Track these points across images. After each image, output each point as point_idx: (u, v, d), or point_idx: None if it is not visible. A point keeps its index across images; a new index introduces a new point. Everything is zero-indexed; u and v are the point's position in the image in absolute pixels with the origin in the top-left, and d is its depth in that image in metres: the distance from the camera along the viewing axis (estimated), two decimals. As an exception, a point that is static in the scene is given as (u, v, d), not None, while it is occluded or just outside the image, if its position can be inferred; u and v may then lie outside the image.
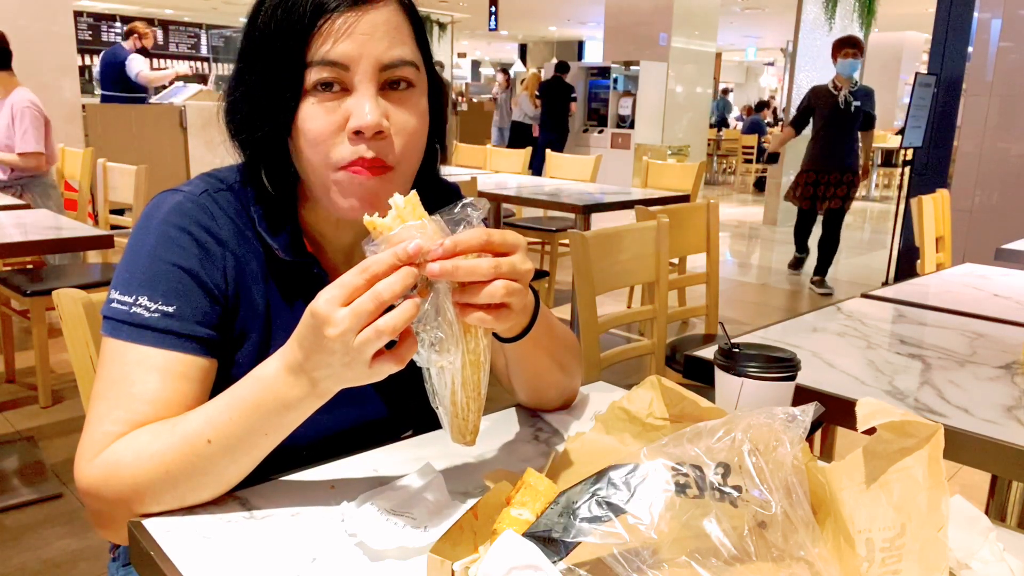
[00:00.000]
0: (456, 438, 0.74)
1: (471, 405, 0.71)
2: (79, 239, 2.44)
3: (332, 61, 0.76)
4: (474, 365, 0.69)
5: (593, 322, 1.75)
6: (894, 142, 11.47)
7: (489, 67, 24.51)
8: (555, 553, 0.54)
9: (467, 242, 0.65)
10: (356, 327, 0.63)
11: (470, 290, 0.66)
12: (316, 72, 0.76)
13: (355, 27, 0.76)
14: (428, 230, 0.65)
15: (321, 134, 0.77)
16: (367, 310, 0.62)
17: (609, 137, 8.90)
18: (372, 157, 0.77)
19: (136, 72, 5.94)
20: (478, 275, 0.65)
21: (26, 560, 1.99)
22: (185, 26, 15.12)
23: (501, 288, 0.66)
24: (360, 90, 0.77)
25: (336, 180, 0.78)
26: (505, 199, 3.98)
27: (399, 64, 0.78)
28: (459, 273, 0.65)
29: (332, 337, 0.63)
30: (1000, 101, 4.53)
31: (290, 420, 0.71)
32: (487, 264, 0.66)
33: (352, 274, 0.64)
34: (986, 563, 0.64)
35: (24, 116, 3.68)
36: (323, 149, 0.77)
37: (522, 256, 0.69)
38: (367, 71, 0.77)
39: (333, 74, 0.76)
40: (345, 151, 0.77)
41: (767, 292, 5.57)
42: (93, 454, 0.73)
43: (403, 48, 0.79)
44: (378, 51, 0.77)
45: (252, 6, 0.80)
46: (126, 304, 0.77)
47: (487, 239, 0.66)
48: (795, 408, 0.61)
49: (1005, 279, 1.95)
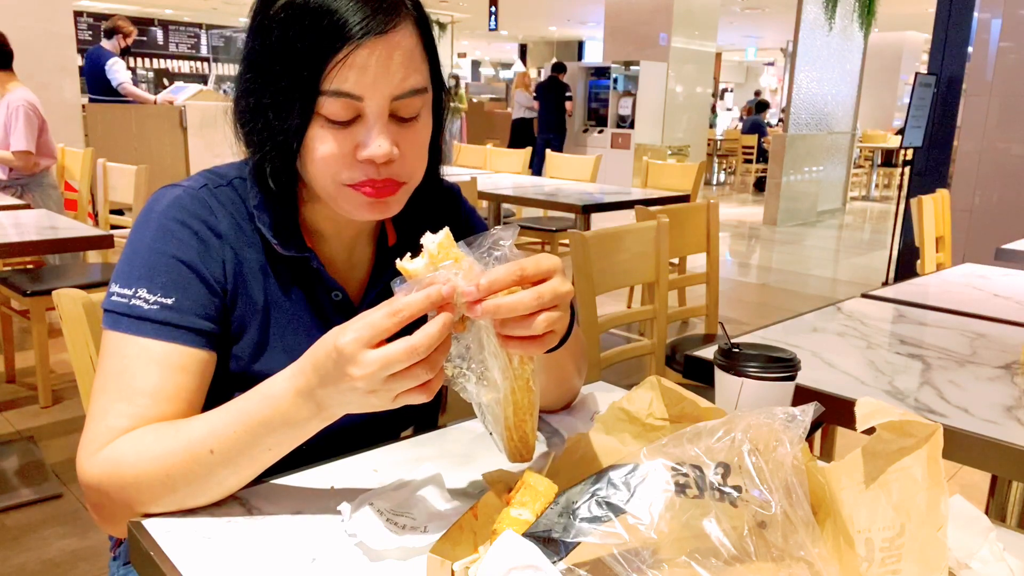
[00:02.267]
0: (514, 458, 0.73)
1: (526, 427, 0.71)
2: (79, 239, 2.44)
3: (347, 93, 0.74)
4: (524, 389, 0.69)
5: (593, 322, 1.75)
6: (894, 142, 11.47)
7: (489, 67, 24.50)
8: (555, 553, 0.54)
9: (502, 280, 0.64)
10: (384, 374, 0.62)
11: (513, 324, 0.65)
12: (330, 101, 0.75)
13: (372, 59, 0.74)
14: (463, 268, 0.64)
15: (331, 157, 0.77)
16: (399, 362, 0.62)
17: (609, 137, 8.90)
18: (383, 180, 0.78)
19: (119, 83, 5.65)
20: (520, 311, 0.64)
21: (26, 560, 1.99)
22: (185, 26, 15.12)
23: (544, 322, 0.65)
24: (371, 120, 0.76)
25: (344, 195, 0.79)
26: (505, 199, 3.98)
27: (410, 94, 0.77)
28: (502, 311, 0.63)
29: (357, 377, 0.63)
30: (1000, 101, 4.53)
31: (296, 438, 0.72)
32: (529, 298, 0.64)
33: (382, 315, 0.63)
34: (986, 563, 0.64)
35: (18, 114, 3.68)
36: (332, 170, 0.78)
37: (561, 279, 0.67)
38: (380, 103, 0.76)
39: (346, 105, 0.75)
40: (355, 173, 0.77)
41: (767, 292, 5.57)
42: (96, 448, 0.73)
43: (416, 76, 0.78)
44: (392, 84, 0.76)
45: (257, 10, 0.78)
46: (125, 296, 0.77)
47: (521, 274, 0.64)
48: (795, 408, 0.61)
49: (1005, 279, 1.95)
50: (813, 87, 8.48)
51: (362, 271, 0.94)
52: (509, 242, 0.67)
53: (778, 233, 8.14)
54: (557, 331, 0.67)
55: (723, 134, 13.89)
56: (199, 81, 12.26)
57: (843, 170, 9.79)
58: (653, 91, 8.66)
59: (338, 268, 0.91)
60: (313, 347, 0.68)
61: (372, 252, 0.94)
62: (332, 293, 0.89)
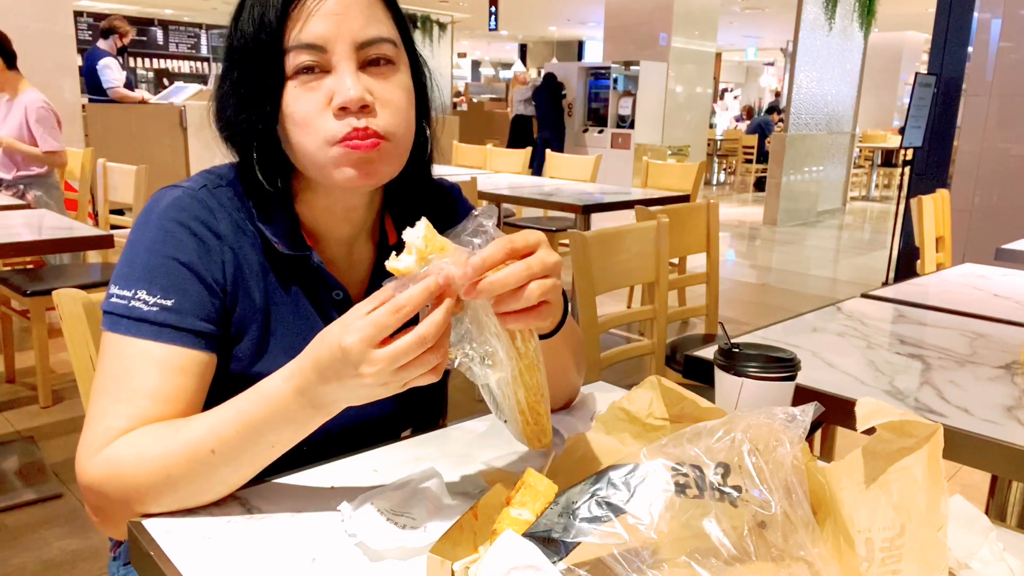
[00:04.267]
0: (533, 445, 0.74)
1: (540, 408, 0.72)
2: (79, 239, 2.44)
3: (308, 44, 0.77)
4: (530, 368, 0.70)
5: (593, 322, 1.75)
6: (894, 142, 11.47)
7: (489, 67, 24.49)
8: (555, 553, 0.54)
9: (493, 257, 0.65)
10: (394, 367, 0.64)
11: (508, 299, 0.66)
12: (294, 57, 0.77)
13: (326, 6, 0.77)
14: (450, 255, 0.65)
15: (307, 115, 0.78)
16: (409, 353, 0.63)
17: (609, 137, 8.91)
18: (363, 126, 0.78)
19: (110, 86, 5.62)
20: (512, 283, 0.65)
21: (26, 560, 1.99)
22: (185, 26, 15.13)
23: (537, 289, 0.66)
24: (340, 68, 0.78)
25: (332, 156, 0.79)
26: (505, 199, 3.98)
27: (376, 41, 0.79)
28: (496, 287, 0.64)
29: (368, 374, 0.64)
30: (1000, 101, 4.53)
31: (298, 434, 0.72)
32: (519, 268, 0.65)
33: (385, 313, 0.63)
34: (986, 563, 0.64)
35: (40, 116, 3.71)
36: (312, 130, 0.78)
37: (547, 250, 0.69)
38: (344, 50, 0.78)
39: (311, 57, 0.77)
40: (335, 127, 0.78)
41: (767, 292, 5.57)
42: (95, 450, 0.73)
43: (379, 26, 0.80)
44: (354, 30, 0.78)
45: (235, 8, 0.82)
46: (125, 298, 0.77)
47: (510, 247, 0.66)
48: (795, 408, 0.61)
49: (1005, 279, 1.95)
50: (813, 87, 8.48)
51: (362, 270, 0.94)
52: (491, 223, 0.68)
53: (778, 233, 8.14)
54: (552, 301, 0.68)
55: (723, 134, 13.89)
56: (199, 81, 12.24)
57: (843, 170, 9.79)
58: (653, 91, 8.66)
59: (338, 268, 0.91)
60: (312, 346, 0.68)
61: (372, 252, 0.94)
62: (333, 292, 0.89)
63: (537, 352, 0.70)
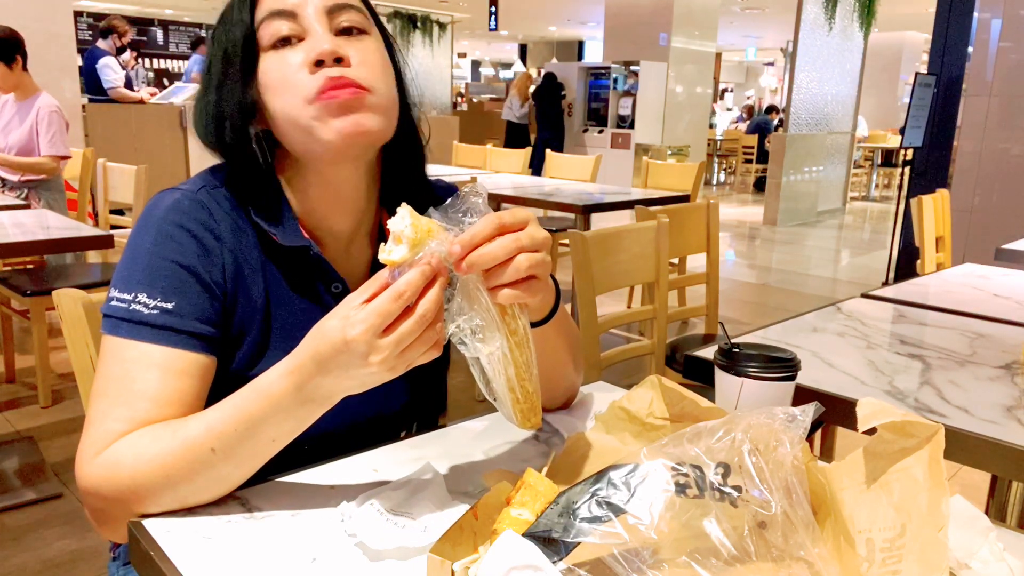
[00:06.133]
0: (523, 424, 0.76)
1: (528, 386, 0.73)
2: (79, 239, 2.44)
3: (278, 10, 0.80)
4: (520, 345, 0.71)
5: (593, 322, 1.75)
6: (894, 142, 11.47)
7: (489, 67, 24.49)
8: (555, 553, 0.54)
9: (482, 233, 0.66)
10: (399, 350, 0.65)
11: (497, 272, 0.67)
12: (267, 27, 0.80)
13: None
14: (438, 235, 0.66)
15: (284, 77, 0.79)
16: (412, 334, 0.65)
17: (609, 137, 8.90)
18: (340, 75, 0.79)
19: (110, 86, 5.64)
20: (501, 255, 0.66)
21: (26, 560, 1.99)
22: (185, 26, 15.12)
23: (525, 261, 0.67)
24: (312, 30, 0.80)
25: (314, 114, 0.79)
26: (505, 199, 3.98)
27: (345, 7, 0.82)
28: (486, 259, 0.66)
29: (375, 362, 0.65)
30: (1000, 101, 4.53)
31: (298, 428, 0.72)
32: (508, 241, 0.67)
33: (387, 300, 0.64)
34: (986, 563, 0.64)
35: (53, 120, 3.70)
36: (289, 89, 0.79)
37: (535, 226, 0.70)
38: (315, 13, 0.80)
39: (284, 23, 0.80)
40: (312, 82, 0.79)
41: (767, 292, 5.57)
42: (95, 452, 0.73)
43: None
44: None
45: None
46: (125, 301, 0.77)
47: (499, 223, 0.67)
48: (795, 408, 0.61)
49: (1005, 279, 1.95)
50: (813, 87, 8.48)
51: (361, 266, 0.94)
52: (481, 200, 0.69)
53: (778, 233, 8.14)
54: (540, 276, 0.70)
55: (723, 134, 13.89)
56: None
57: (843, 170, 9.78)
58: (653, 91, 8.66)
59: (337, 265, 0.91)
60: (309, 340, 0.68)
61: (371, 250, 0.94)
62: (332, 285, 0.89)
63: (527, 331, 0.72)
